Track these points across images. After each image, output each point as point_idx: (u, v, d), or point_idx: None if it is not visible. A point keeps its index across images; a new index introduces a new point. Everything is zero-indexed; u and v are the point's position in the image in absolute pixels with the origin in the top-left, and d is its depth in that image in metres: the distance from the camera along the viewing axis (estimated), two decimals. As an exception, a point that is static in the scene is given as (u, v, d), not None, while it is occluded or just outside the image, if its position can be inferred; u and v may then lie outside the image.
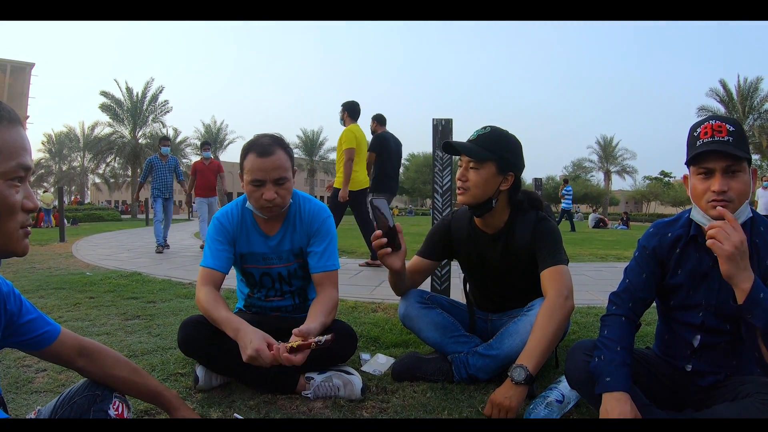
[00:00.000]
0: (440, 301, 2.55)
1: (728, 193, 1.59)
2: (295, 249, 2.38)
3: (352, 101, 6.92)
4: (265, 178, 2.16)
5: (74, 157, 61.78)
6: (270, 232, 2.36)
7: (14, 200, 1.08)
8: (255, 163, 2.16)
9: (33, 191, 1.19)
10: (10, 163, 1.06)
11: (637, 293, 1.84)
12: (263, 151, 2.16)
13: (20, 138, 1.09)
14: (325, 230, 2.35)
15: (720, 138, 1.58)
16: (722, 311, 1.71)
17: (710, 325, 1.74)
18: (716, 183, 1.60)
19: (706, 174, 1.63)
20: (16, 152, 1.07)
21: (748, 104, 40.92)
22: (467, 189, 2.22)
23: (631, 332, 1.80)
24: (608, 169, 68.04)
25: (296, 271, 2.42)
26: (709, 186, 1.62)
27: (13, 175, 1.07)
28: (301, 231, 2.36)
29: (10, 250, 1.12)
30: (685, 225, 1.79)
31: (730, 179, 1.59)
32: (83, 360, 1.46)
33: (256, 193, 2.19)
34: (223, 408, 2.02)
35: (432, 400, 2.08)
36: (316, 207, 2.40)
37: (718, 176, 1.60)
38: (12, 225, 1.09)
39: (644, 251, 1.86)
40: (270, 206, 2.20)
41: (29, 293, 4.49)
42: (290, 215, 2.36)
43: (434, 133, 3.69)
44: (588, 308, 3.88)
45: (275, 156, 2.16)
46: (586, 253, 8.93)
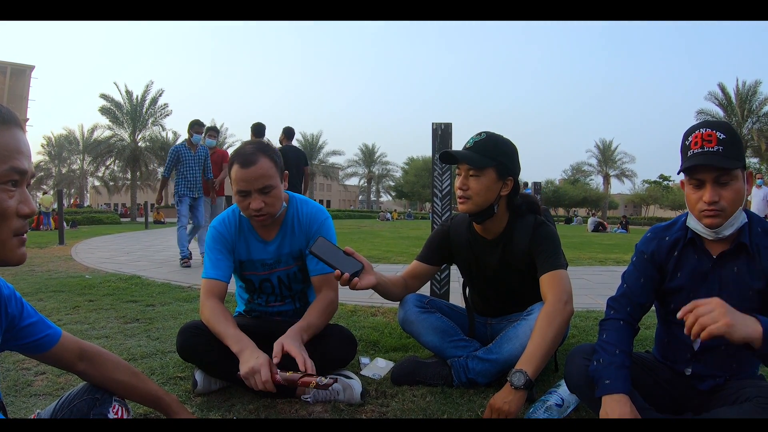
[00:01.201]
0: (439, 305, 2.55)
1: (719, 203, 1.61)
2: (294, 252, 2.38)
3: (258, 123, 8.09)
4: (249, 188, 2.14)
5: (74, 160, 61.77)
6: (268, 237, 2.36)
7: (7, 205, 1.02)
8: (238, 173, 2.14)
9: (32, 194, 1.14)
10: (3, 166, 1.00)
11: (635, 298, 1.84)
12: (245, 161, 2.13)
13: (14, 140, 1.03)
14: (323, 232, 2.35)
15: (710, 148, 1.60)
16: None
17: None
18: (707, 194, 1.62)
19: (698, 184, 1.65)
20: (9, 155, 1.02)
21: (747, 108, 40.91)
22: (469, 197, 2.21)
23: (629, 336, 1.81)
24: (607, 173, 68.20)
25: (296, 275, 2.43)
26: (701, 196, 1.64)
27: (6, 179, 1.01)
28: (300, 234, 2.36)
29: (3, 259, 1.06)
30: (682, 228, 1.80)
31: (721, 189, 1.61)
32: (83, 364, 1.46)
33: (243, 203, 2.18)
34: (222, 412, 2.02)
35: (431, 404, 2.08)
36: (314, 209, 2.40)
37: (709, 187, 1.62)
38: (5, 232, 1.03)
39: (642, 256, 1.87)
40: (258, 215, 2.18)
41: (28, 296, 4.48)
42: (288, 219, 2.36)
43: (433, 137, 3.70)
44: (587, 312, 3.88)
45: (258, 165, 2.13)
46: (586, 257, 8.93)
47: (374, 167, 75.02)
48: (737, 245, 1.69)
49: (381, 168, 75.67)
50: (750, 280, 1.67)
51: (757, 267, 1.66)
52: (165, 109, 43.24)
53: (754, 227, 1.69)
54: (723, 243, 1.72)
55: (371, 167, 74.62)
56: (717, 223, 1.64)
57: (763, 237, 1.67)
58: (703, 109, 41.43)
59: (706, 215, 1.64)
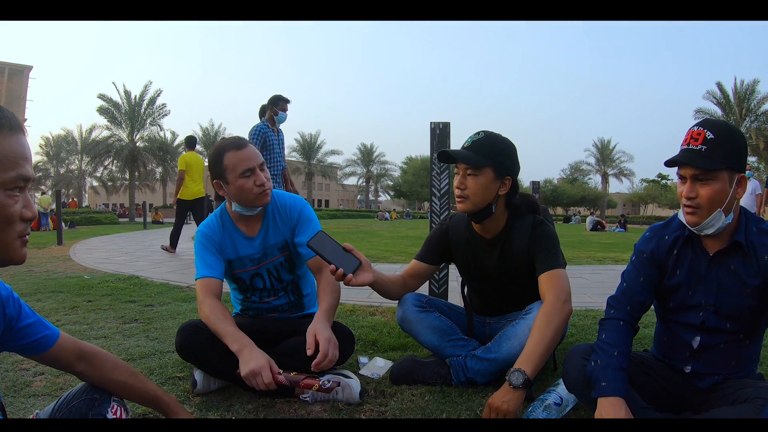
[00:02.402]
0: (438, 304, 2.55)
1: (696, 200, 1.65)
2: (278, 243, 2.42)
3: (190, 136, 9.86)
4: (253, 164, 2.25)
5: (72, 160, 61.66)
6: (252, 233, 2.41)
7: (13, 210, 1.05)
8: (238, 155, 2.24)
9: (31, 194, 1.15)
10: (10, 173, 1.04)
11: (634, 296, 1.84)
12: (239, 144, 2.28)
13: (21, 147, 1.06)
14: (305, 217, 2.42)
15: (694, 146, 1.63)
16: (722, 310, 1.73)
17: (711, 325, 1.75)
18: (685, 189, 1.67)
19: (682, 179, 1.69)
20: (17, 162, 1.05)
21: (745, 107, 40.98)
22: (467, 197, 2.21)
23: (628, 336, 1.81)
24: (606, 172, 68.26)
25: (282, 264, 2.46)
26: (683, 191, 1.69)
27: (13, 185, 1.05)
28: (282, 224, 2.41)
29: (7, 259, 1.10)
30: (680, 227, 1.82)
31: (699, 186, 1.64)
32: (82, 364, 1.46)
33: (249, 182, 2.24)
34: (221, 412, 2.02)
35: (430, 404, 2.08)
36: (291, 199, 2.47)
37: (688, 183, 1.66)
38: (10, 235, 1.07)
39: (641, 255, 1.87)
40: (265, 190, 2.27)
41: (27, 296, 4.48)
42: (268, 212, 2.41)
43: (432, 137, 3.70)
44: (586, 311, 3.88)
45: (250, 146, 2.29)
46: (584, 256, 8.94)
47: (373, 167, 74.96)
48: (732, 243, 1.70)
49: (379, 167, 75.63)
50: (746, 277, 1.68)
51: (753, 265, 1.67)
52: (163, 109, 43.21)
53: (750, 226, 1.71)
54: (719, 241, 1.73)
55: (370, 167, 74.56)
56: (694, 221, 1.68)
57: (758, 235, 1.68)
58: (702, 108, 41.52)
59: (685, 210, 1.69)
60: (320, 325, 2.10)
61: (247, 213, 2.34)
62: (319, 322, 2.12)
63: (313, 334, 2.05)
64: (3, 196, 1.04)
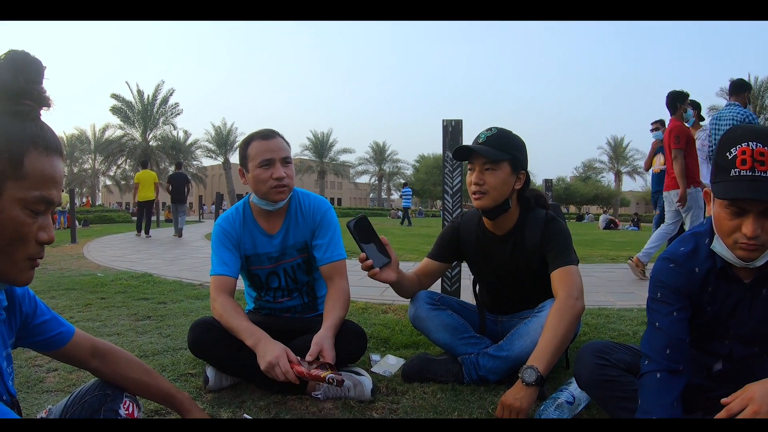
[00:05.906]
0: (450, 302, 2.54)
1: (761, 236, 1.38)
2: (298, 244, 2.41)
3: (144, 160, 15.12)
4: (274, 156, 2.25)
5: (85, 160, 62.34)
6: (272, 230, 2.39)
7: (29, 230, 1.04)
8: (261, 145, 2.26)
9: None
10: (34, 192, 1.02)
11: (672, 334, 1.57)
12: (266, 135, 2.29)
13: (52, 169, 1.05)
14: (327, 221, 2.40)
15: (763, 173, 1.33)
16: (753, 337, 1.59)
17: (738, 354, 1.63)
18: (749, 227, 1.38)
19: (738, 212, 1.40)
20: (44, 183, 1.03)
21: (759, 104, 40.59)
22: (486, 192, 2.20)
23: (670, 388, 1.53)
24: (619, 170, 67.77)
25: (300, 266, 2.45)
26: (738, 225, 1.41)
27: (34, 206, 1.03)
28: (303, 225, 2.40)
29: (10, 279, 1.07)
30: (710, 256, 1.57)
31: (765, 221, 1.37)
32: (96, 361, 1.47)
33: (265, 174, 2.24)
34: (233, 408, 2.02)
35: (442, 402, 2.07)
36: (316, 200, 2.45)
37: (752, 218, 1.37)
38: (20, 255, 1.05)
39: (668, 288, 1.62)
40: (281, 185, 2.25)
41: (41, 294, 4.51)
42: (291, 210, 2.40)
43: (444, 134, 3.69)
44: (599, 309, 3.85)
45: (278, 139, 2.30)
46: (597, 255, 8.87)
47: (385, 165, 74.76)
48: (765, 267, 1.49)
49: (392, 166, 75.38)
50: None
51: None
52: (176, 108, 43.60)
53: None
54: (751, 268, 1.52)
55: (382, 165, 74.38)
56: (753, 257, 1.43)
57: None
58: (715, 106, 41.03)
59: (743, 248, 1.42)
60: (327, 342, 2.05)
61: (266, 207, 2.34)
62: (326, 338, 2.07)
63: (319, 350, 2.02)
64: (22, 213, 1.02)
